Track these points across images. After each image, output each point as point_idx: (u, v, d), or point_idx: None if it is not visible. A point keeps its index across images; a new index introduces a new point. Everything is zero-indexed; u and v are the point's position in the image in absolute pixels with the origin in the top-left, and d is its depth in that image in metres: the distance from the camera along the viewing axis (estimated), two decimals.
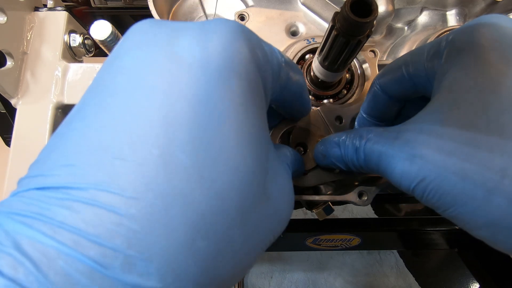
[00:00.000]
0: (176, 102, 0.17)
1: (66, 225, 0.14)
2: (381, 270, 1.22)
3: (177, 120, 0.16)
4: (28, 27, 0.46)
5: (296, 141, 0.34)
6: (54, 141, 0.17)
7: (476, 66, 0.22)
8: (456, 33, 0.24)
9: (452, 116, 0.22)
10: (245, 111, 0.19)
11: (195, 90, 0.17)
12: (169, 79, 0.17)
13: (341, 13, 0.26)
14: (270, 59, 0.22)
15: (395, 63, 0.29)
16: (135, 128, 0.16)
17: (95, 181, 0.15)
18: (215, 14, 0.50)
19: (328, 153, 0.31)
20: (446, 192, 0.21)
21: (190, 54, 0.18)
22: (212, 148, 0.17)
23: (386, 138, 0.25)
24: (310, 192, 0.38)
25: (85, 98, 0.18)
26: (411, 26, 0.49)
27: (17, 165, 0.44)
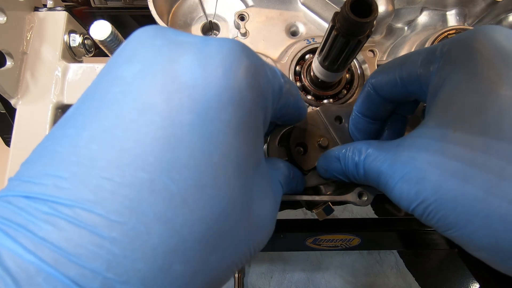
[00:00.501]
0: (170, 125, 0.17)
1: (48, 242, 0.14)
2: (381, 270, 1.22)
3: (168, 144, 0.16)
4: (28, 27, 0.46)
5: (296, 142, 0.34)
6: (47, 144, 0.17)
7: (473, 81, 0.22)
8: (452, 44, 0.24)
9: (450, 136, 0.21)
10: (239, 139, 0.19)
11: (191, 116, 0.17)
12: (165, 100, 0.17)
13: (341, 13, 0.26)
14: (272, 83, 0.22)
15: (388, 65, 0.29)
16: (125, 145, 0.16)
17: (81, 199, 0.15)
18: (215, 14, 0.50)
19: (329, 167, 0.31)
20: (446, 215, 0.21)
21: (190, 76, 0.18)
22: (200, 176, 0.17)
23: (385, 155, 0.25)
24: (310, 192, 0.38)
25: (80, 102, 0.18)
26: (411, 26, 0.49)
27: (17, 165, 0.44)
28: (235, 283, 1.06)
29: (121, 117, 0.17)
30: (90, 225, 0.15)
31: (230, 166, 0.18)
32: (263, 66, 0.21)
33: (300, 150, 0.34)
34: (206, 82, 0.18)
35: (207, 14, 0.50)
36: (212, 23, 0.51)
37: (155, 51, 0.18)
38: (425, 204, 0.22)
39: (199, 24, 0.50)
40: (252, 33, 0.44)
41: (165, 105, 0.17)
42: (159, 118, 0.16)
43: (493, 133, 0.20)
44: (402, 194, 0.23)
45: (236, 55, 0.19)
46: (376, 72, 0.30)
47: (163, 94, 0.17)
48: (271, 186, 0.25)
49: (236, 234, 0.19)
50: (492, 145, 0.20)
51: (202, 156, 0.17)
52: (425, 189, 0.21)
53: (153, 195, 0.16)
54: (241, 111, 0.19)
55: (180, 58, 0.18)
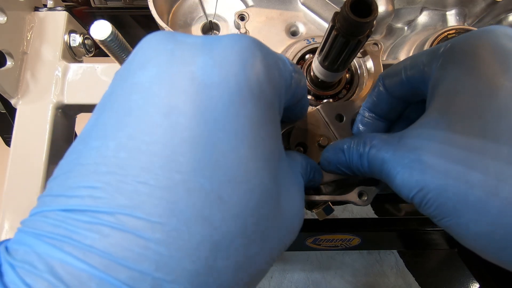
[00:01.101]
0: (195, 124, 0.17)
1: (96, 248, 0.14)
2: (381, 270, 1.22)
3: (196, 143, 0.17)
4: (28, 27, 0.46)
5: (296, 141, 0.34)
6: (72, 157, 0.18)
7: (472, 75, 0.22)
8: (454, 43, 0.25)
9: (449, 126, 0.22)
10: (261, 131, 0.19)
11: (214, 113, 0.17)
12: (187, 101, 0.17)
13: (341, 13, 0.26)
14: (283, 74, 0.22)
15: (398, 64, 0.29)
16: (154, 149, 0.16)
17: (119, 205, 0.15)
18: (215, 14, 0.50)
19: (333, 159, 0.31)
20: (444, 203, 0.21)
21: (208, 75, 0.18)
22: (230, 171, 0.17)
23: (389, 145, 0.26)
24: (310, 192, 0.38)
25: (99, 114, 0.18)
26: (411, 26, 0.49)
27: (17, 165, 0.44)
28: None
29: (146, 123, 0.17)
30: (133, 229, 0.15)
31: (258, 159, 0.18)
32: (276, 59, 0.21)
33: (300, 150, 0.34)
34: (225, 80, 0.18)
35: (207, 14, 0.50)
36: (212, 23, 0.51)
37: (169, 55, 0.18)
38: (424, 191, 0.22)
39: (199, 24, 0.50)
40: (252, 33, 0.44)
41: (188, 106, 0.17)
42: (183, 119, 0.17)
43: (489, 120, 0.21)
44: (404, 181, 0.24)
45: (250, 50, 0.19)
46: (387, 72, 0.30)
47: (183, 96, 0.17)
48: (294, 178, 0.25)
49: (271, 225, 0.19)
50: (489, 131, 0.20)
51: (230, 152, 0.17)
52: (426, 177, 0.22)
53: (189, 195, 0.16)
54: (261, 104, 0.19)
55: (195, 59, 0.18)
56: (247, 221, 0.17)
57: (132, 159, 0.16)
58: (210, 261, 0.16)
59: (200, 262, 0.16)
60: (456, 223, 0.22)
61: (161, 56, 0.18)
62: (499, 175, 0.19)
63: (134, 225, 0.15)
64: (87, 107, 0.46)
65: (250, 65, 0.19)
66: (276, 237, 0.20)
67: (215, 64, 0.18)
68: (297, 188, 0.25)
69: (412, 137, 0.24)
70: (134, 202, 0.15)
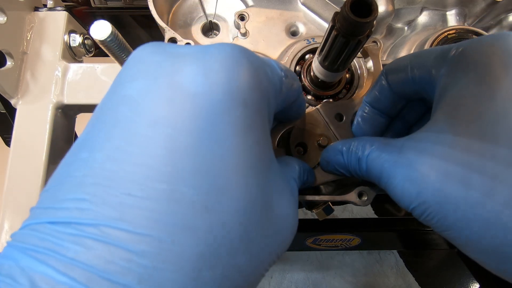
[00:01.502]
0: (181, 134, 0.17)
1: (79, 261, 0.14)
2: (381, 270, 1.22)
3: (182, 152, 0.17)
4: (28, 27, 0.46)
5: (295, 141, 0.34)
6: (63, 170, 0.18)
7: (478, 89, 0.22)
8: (465, 47, 0.24)
9: (453, 141, 0.21)
10: (249, 140, 0.19)
11: (199, 122, 0.17)
12: (173, 111, 0.17)
13: (341, 13, 0.26)
14: (272, 80, 0.22)
15: (403, 60, 0.29)
16: (139, 160, 0.16)
17: (105, 217, 0.15)
18: (215, 14, 0.50)
19: (331, 160, 0.31)
20: (446, 216, 0.21)
21: (194, 85, 0.18)
22: (216, 180, 0.17)
23: (389, 154, 0.25)
24: (310, 192, 0.38)
25: (90, 127, 0.19)
26: (411, 26, 0.49)
27: (17, 165, 0.44)
28: None
29: (133, 134, 0.17)
30: (117, 241, 0.15)
31: (244, 167, 0.18)
32: (263, 65, 0.21)
33: (300, 150, 0.34)
34: (210, 89, 0.18)
35: (207, 14, 0.50)
36: (212, 23, 0.51)
37: (157, 67, 0.19)
38: (426, 205, 0.22)
39: (199, 24, 0.50)
40: (252, 33, 0.44)
41: (174, 116, 0.17)
42: (169, 129, 0.17)
43: (489, 138, 0.20)
44: (404, 193, 0.23)
45: (236, 59, 0.19)
46: (390, 66, 0.30)
47: (170, 106, 0.17)
48: (286, 183, 0.25)
49: (260, 233, 0.19)
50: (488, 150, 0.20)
51: (216, 160, 0.17)
52: (427, 191, 0.22)
53: (174, 205, 0.16)
54: (247, 112, 0.19)
55: (182, 70, 0.18)
56: (234, 230, 0.17)
57: (118, 170, 0.16)
58: (195, 272, 0.16)
59: (185, 274, 0.16)
60: (457, 237, 0.21)
61: (149, 68, 0.19)
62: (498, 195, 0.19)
63: (118, 237, 0.15)
64: (87, 107, 0.46)
65: (236, 73, 0.19)
66: (266, 245, 0.20)
67: (201, 73, 0.18)
68: (289, 194, 0.24)
69: (414, 148, 0.24)
70: (119, 214, 0.15)
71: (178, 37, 0.40)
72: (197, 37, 0.50)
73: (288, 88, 0.25)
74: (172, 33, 0.41)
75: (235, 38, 0.45)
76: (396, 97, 0.30)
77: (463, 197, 0.20)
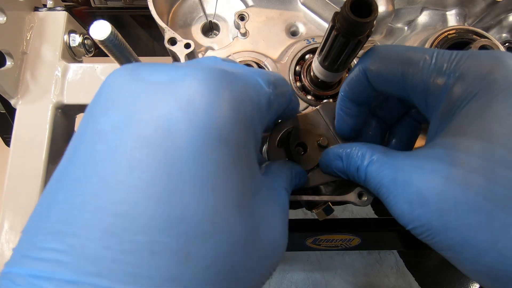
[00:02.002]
0: (159, 179, 0.16)
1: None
2: (381, 270, 1.22)
3: (161, 200, 0.16)
4: (28, 27, 0.46)
5: (295, 142, 0.34)
6: (41, 209, 0.17)
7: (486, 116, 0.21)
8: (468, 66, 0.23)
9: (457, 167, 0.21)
10: (231, 177, 0.18)
11: (179, 165, 0.17)
12: (150, 153, 0.16)
13: (341, 13, 0.26)
14: (258, 104, 0.21)
15: (389, 57, 0.27)
16: (118, 210, 0.16)
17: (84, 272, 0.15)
18: (215, 14, 0.50)
19: (330, 164, 0.31)
20: (447, 240, 0.21)
21: (172, 122, 0.17)
22: (198, 225, 0.16)
23: (389, 168, 0.25)
24: (310, 192, 0.38)
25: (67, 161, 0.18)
26: (411, 26, 0.49)
27: (17, 165, 0.44)
28: None
29: (109, 179, 0.16)
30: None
31: (228, 206, 0.18)
32: (246, 90, 0.20)
33: (300, 150, 0.34)
34: (189, 127, 0.17)
35: (207, 14, 0.50)
36: (212, 23, 0.51)
37: (132, 99, 0.18)
38: (426, 227, 0.22)
39: (199, 24, 0.50)
40: (252, 33, 0.44)
41: (151, 160, 0.16)
42: (146, 175, 0.16)
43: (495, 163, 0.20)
44: (403, 213, 0.23)
45: (216, 90, 0.18)
46: (374, 60, 0.27)
47: (148, 148, 0.16)
48: (276, 201, 0.24)
49: (248, 265, 0.19)
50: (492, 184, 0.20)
51: (198, 204, 0.17)
52: (428, 214, 0.21)
53: (156, 257, 0.15)
54: (230, 148, 0.18)
55: (159, 104, 0.17)
56: (219, 272, 0.17)
57: (96, 220, 0.15)
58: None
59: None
60: (456, 258, 0.21)
61: (125, 100, 0.18)
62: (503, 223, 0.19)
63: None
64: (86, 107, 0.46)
65: (216, 108, 0.18)
66: (257, 272, 0.20)
67: (180, 108, 0.17)
68: (279, 212, 0.24)
69: (415, 167, 0.23)
70: (98, 269, 0.15)
71: (178, 37, 0.40)
72: (197, 37, 0.50)
73: (278, 102, 0.24)
74: (172, 33, 0.41)
75: (235, 38, 0.45)
76: (373, 91, 0.29)
77: (467, 224, 0.20)
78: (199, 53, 0.45)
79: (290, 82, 0.41)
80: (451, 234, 0.21)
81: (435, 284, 1.21)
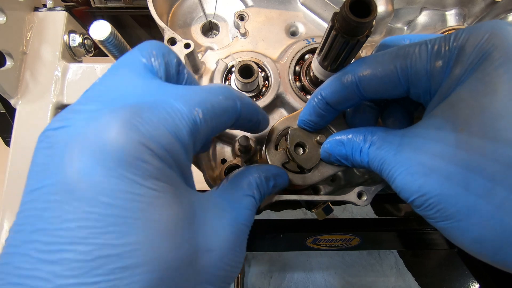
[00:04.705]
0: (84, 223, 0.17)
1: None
2: (381, 270, 1.22)
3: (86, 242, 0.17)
4: (28, 27, 0.46)
5: (294, 142, 0.34)
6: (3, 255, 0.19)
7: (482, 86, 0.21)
8: (465, 40, 0.23)
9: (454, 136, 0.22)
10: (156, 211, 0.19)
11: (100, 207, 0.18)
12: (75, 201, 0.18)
13: (340, 13, 0.26)
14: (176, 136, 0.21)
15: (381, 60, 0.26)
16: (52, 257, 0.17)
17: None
18: (214, 14, 0.50)
19: (333, 151, 0.31)
20: (446, 208, 0.22)
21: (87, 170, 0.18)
22: (123, 260, 0.18)
23: (390, 145, 0.26)
24: (309, 192, 0.38)
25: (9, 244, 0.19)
26: (411, 26, 0.49)
27: (17, 165, 0.44)
28: (234, 283, 1.05)
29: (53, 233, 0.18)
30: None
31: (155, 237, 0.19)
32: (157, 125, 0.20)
33: (299, 151, 0.34)
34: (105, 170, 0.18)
35: (207, 14, 0.50)
36: (211, 23, 0.51)
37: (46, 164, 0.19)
38: (426, 197, 0.22)
39: (198, 24, 0.50)
40: (252, 33, 0.44)
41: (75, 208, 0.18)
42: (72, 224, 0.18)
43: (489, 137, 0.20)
44: (405, 185, 0.24)
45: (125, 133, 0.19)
46: (366, 66, 0.27)
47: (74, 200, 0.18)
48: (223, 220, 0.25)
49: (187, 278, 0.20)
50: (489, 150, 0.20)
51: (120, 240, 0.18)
52: (429, 183, 0.22)
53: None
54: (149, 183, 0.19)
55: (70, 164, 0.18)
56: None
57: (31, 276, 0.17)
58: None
59: None
60: (455, 227, 0.22)
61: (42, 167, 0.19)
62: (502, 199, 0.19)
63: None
64: None
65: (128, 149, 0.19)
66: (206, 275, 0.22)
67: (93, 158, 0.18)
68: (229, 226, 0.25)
69: (415, 137, 0.24)
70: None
71: (178, 37, 0.40)
72: (196, 37, 0.50)
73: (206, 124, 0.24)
74: (172, 33, 0.41)
75: (235, 38, 0.45)
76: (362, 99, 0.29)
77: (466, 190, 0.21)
78: (198, 53, 0.45)
79: (290, 82, 0.41)
80: (454, 200, 0.21)
81: (435, 284, 1.21)
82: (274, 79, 0.41)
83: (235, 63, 0.37)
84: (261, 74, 0.41)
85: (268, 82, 0.41)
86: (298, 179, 0.34)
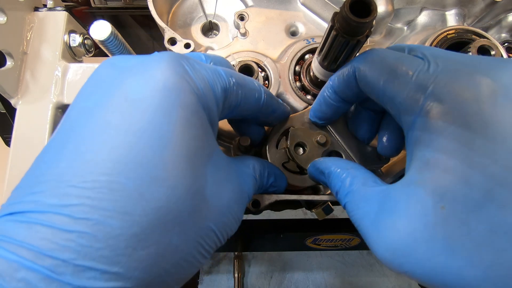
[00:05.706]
0: (124, 134, 0.20)
1: (27, 243, 0.18)
2: (381, 270, 1.22)
3: (123, 149, 0.20)
4: (28, 27, 0.46)
5: (294, 142, 0.34)
6: (30, 171, 0.22)
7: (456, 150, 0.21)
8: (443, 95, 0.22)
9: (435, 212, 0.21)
10: (184, 137, 0.22)
11: (140, 123, 0.21)
12: (118, 116, 0.21)
13: (341, 13, 0.26)
14: (212, 86, 0.25)
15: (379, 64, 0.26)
16: (87, 157, 0.20)
17: (51, 206, 0.18)
18: (214, 14, 0.50)
19: (315, 176, 0.32)
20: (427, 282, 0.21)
21: (136, 92, 0.22)
22: (153, 171, 0.20)
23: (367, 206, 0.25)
24: (309, 192, 0.38)
25: (56, 133, 0.23)
26: (411, 26, 0.49)
27: (17, 165, 0.44)
28: (234, 283, 1.06)
29: (84, 137, 0.20)
30: (60, 225, 0.18)
31: (180, 160, 0.21)
32: (199, 72, 0.25)
33: (299, 151, 0.34)
34: (150, 94, 0.22)
35: (207, 14, 0.50)
36: (212, 23, 0.51)
37: (109, 80, 0.23)
38: (410, 274, 0.22)
39: (199, 24, 0.50)
40: (252, 33, 0.44)
41: (119, 120, 0.21)
42: (114, 131, 0.20)
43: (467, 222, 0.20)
44: (385, 259, 0.23)
45: (172, 66, 0.23)
46: (365, 62, 0.27)
47: (117, 112, 0.21)
48: (231, 176, 0.28)
49: (194, 215, 0.22)
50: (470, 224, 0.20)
51: (154, 155, 0.20)
52: (410, 263, 0.21)
53: (112, 193, 0.19)
54: (184, 112, 0.22)
55: (128, 81, 0.22)
56: (168, 213, 0.20)
57: (68, 167, 0.20)
58: (129, 250, 0.19)
59: (118, 252, 0.18)
60: None
61: (103, 82, 0.23)
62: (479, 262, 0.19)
63: (61, 222, 0.18)
64: None
65: (172, 80, 0.22)
66: (203, 226, 0.23)
67: (143, 82, 0.22)
68: (232, 186, 0.27)
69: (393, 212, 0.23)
70: (63, 202, 0.18)
71: (178, 37, 0.40)
72: (196, 37, 0.50)
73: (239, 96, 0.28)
74: (172, 33, 0.41)
75: (235, 38, 0.45)
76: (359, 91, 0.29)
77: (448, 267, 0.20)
78: None
79: (290, 82, 0.41)
80: (438, 278, 0.20)
81: None
82: (274, 79, 0.41)
83: (235, 63, 0.37)
84: (261, 74, 0.41)
85: (268, 82, 0.41)
86: (298, 181, 0.34)
